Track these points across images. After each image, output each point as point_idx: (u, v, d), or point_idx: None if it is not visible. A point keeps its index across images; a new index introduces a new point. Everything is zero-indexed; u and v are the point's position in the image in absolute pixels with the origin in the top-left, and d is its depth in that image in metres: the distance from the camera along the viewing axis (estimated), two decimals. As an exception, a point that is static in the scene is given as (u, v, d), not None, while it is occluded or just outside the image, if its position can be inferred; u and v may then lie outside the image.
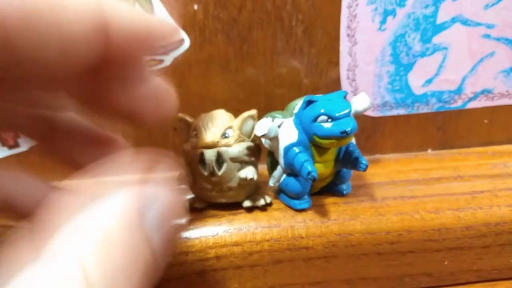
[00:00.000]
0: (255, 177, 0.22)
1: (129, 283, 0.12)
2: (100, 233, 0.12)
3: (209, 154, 0.21)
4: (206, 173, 0.21)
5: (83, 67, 0.13)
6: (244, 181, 0.22)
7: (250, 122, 0.22)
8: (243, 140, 0.22)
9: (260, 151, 0.23)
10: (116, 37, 0.13)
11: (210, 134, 0.21)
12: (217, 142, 0.21)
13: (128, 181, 0.14)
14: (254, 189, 0.23)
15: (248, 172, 0.21)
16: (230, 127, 0.21)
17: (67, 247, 0.11)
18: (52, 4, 0.11)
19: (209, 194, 0.22)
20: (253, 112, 0.22)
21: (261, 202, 0.23)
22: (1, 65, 0.12)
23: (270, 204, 0.23)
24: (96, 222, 0.12)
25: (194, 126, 0.22)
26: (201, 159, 0.21)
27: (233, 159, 0.21)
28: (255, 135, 0.22)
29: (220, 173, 0.21)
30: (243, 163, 0.22)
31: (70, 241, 0.12)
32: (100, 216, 0.12)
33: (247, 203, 0.23)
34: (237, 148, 0.21)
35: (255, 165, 0.22)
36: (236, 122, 0.22)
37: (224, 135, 0.21)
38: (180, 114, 0.22)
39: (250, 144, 0.22)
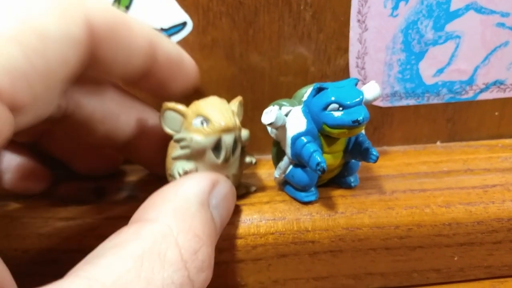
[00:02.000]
0: (255, 161, 0.22)
1: (200, 245, 0.15)
2: (183, 206, 0.16)
3: (229, 139, 0.20)
4: (220, 160, 0.20)
5: (137, 71, 0.19)
6: (245, 167, 0.22)
7: (240, 109, 0.22)
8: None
9: None
10: (160, 58, 0.20)
11: (229, 118, 0.19)
12: (237, 125, 0.20)
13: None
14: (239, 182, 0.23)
15: (252, 158, 0.22)
16: (233, 112, 0.20)
17: (158, 214, 0.15)
18: (127, 28, 0.18)
19: None
20: (241, 98, 0.22)
21: (253, 188, 0.23)
22: (87, 60, 0.17)
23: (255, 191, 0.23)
24: (180, 196, 0.16)
25: (198, 113, 0.20)
26: (217, 146, 0.20)
27: (243, 143, 0.21)
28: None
29: (233, 158, 0.20)
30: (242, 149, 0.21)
31: (160, 209, 0.16)
32: (184, 192, 0.17)
33: (242, 190, 0.23)
34: (247, 132, 0.21)
35: None
36: (234, 107, 0.21)
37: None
38: (168, 103, 0.20)
39: None
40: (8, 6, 0.14)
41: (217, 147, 0.20)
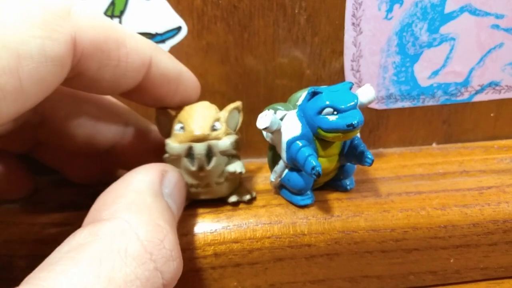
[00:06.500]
0: (243, 170, 0.21)
1: (164, 234, 0.15)
2: (137, 199, 0.15)
3: (199, 148, 0.20)
4: (194, 168, 0.20)
5: (126, 88, 0.18)
6: (231, 176, 0.21)
7: (235, 114, 0.22)
8: (230, 133, 0.21)
9: (242, 145, 0.22)
10: (154, 77, 0.19)
11: (200, 127, 0.20)
12: (208, 134, 0.20)
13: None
14: (238, 184, 0.23)
15: (237, 166, 0.21)
16: (217, 119, 0.20)
17: (113, 212, 0.15)
18: (118, 44, 0.17)
19: (193, 191, 0.21)
20: (239, 103, 0.22)
21: (247, 197, 0.22)
22: (70, 77, 0.16)
23: (254, 198, 0.23)
24: (132, 190, 0.16)
25: (179, 119, 0.20)
26: (189, 154, 0.20)
27: (223, 153, 0.20)
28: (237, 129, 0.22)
29: (209, 167, 0.20)
30: (230, 157, 0.21)
31: (114, 207, 0.15)
32: (135, 185, 0.16)
33: (233, 198, 0.22)
34: (227, 141, 0.20)
35: (240, 159, 0.22)
36: (223, 114, 0.21)
37: (213, 128, 0.20)
38: (160, 107, 0.21)
39: (237, 137, 0.21)
40: None
41: (191, 155, 0.20)
